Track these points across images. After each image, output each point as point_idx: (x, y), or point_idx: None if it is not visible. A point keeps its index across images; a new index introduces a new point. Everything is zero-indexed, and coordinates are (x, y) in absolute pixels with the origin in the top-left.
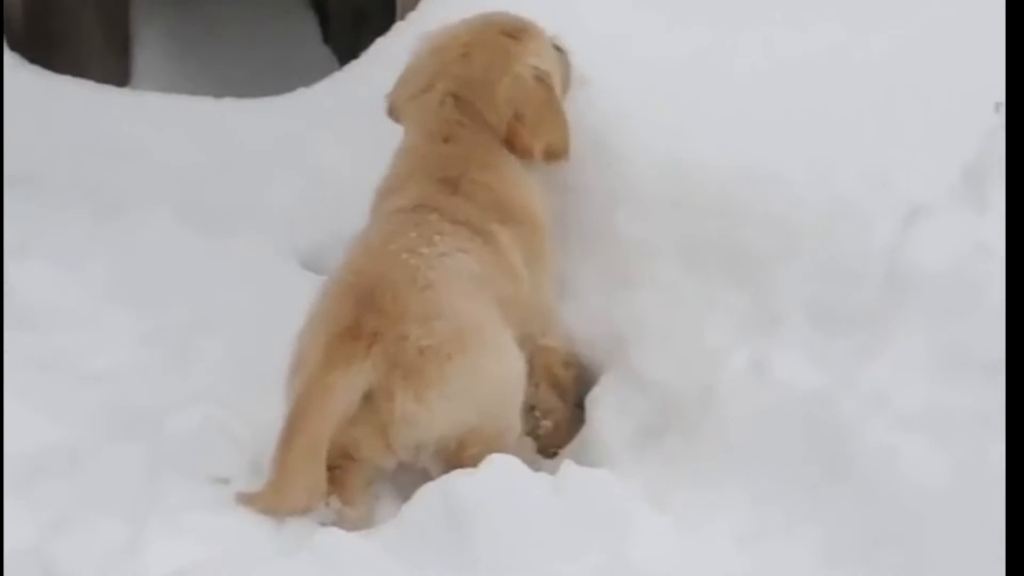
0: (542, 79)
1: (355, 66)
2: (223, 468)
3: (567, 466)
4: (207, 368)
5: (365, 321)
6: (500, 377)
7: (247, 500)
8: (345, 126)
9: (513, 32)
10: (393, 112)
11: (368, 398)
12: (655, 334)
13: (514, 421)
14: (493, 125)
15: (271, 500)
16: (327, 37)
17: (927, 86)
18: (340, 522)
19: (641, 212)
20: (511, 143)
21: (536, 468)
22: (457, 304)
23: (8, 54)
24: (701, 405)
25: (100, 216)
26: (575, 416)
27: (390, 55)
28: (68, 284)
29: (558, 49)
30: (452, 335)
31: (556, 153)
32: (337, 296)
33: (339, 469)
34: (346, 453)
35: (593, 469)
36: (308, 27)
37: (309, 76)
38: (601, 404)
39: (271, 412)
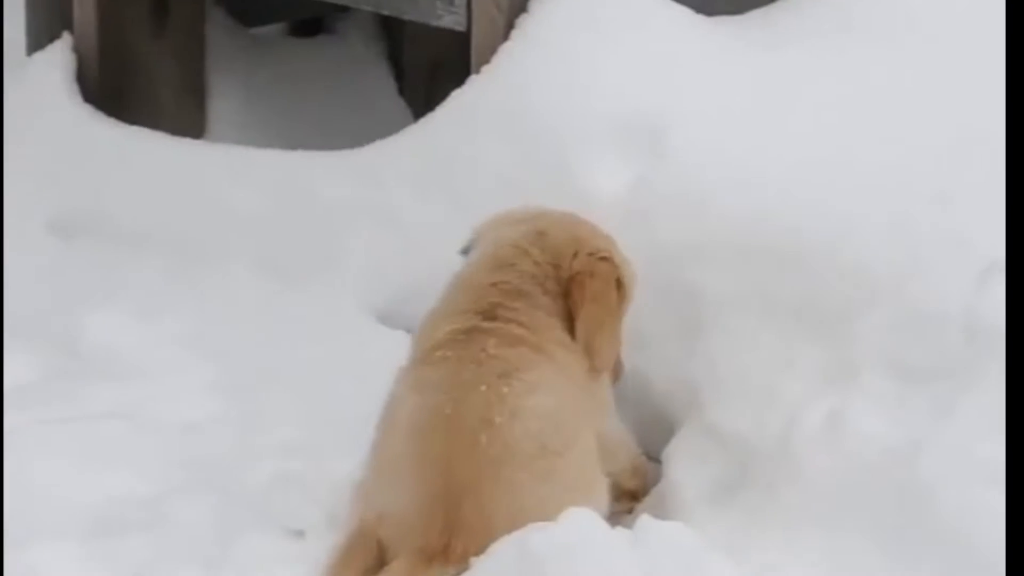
0: None
1: (430, 119)
2: (298, 521)
3: (644, 519)
4: (281, 420)
5: (456, 542)
6: None
7: None
8: (420, 179)
9: None
10: None
11: None
12: (731, 386)
13: None
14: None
15: None
16: (402, 89)
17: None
18: None
19: (716, 263)
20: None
21: (613, 522)
22: (543, 497)
23: (83, 106)
24: (778, 459)
25: (174, 267)
26: (651, 470)
27: (465, 108)
28: (141, 335)
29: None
30: None
31: None
32: (425, 505)
33: None
34: None
35: (670, 522)
36: (383, 79)
37: (384, 128)
38: (677, 457)
39: (346, 465)
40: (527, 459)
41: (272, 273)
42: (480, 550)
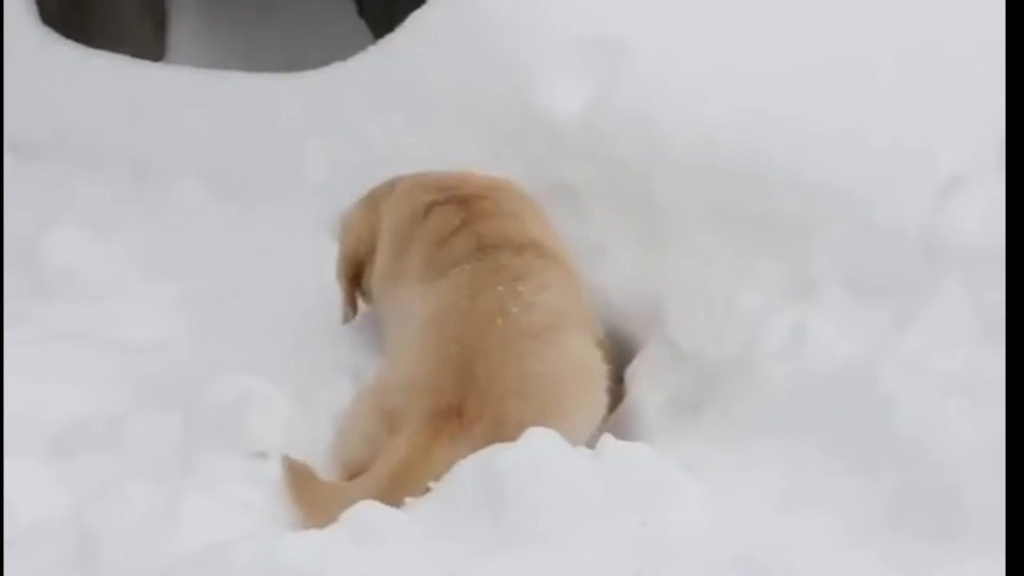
0: None
1: (390, 39)
2: (259, 441)
3: (605, 439)
4: (241, 339)
5: (468, 402)
6: (589, 411)
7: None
8: (379, 99)
9: None
10: None
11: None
12: (691, 302)
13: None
14: None
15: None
16: (362, 10)
17: (968, 58)
18: None
19: (676, 180)
20: None
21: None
22: (549, 364)
23: (43, 29)
24: (737, 375)
25: (133, 187)
26: (616, 390)
27: (425, 28)
28: (100, 253)
29: None
30: (549, 401)
31: None
32: (439, 366)
33: None
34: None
35: (631, 442)
36: (343, 0)
37: (344, 50)
38: (639, 378)
39: (306, 382)
40: (536, 332)
41: (230, 192)
42: (491, 414)
